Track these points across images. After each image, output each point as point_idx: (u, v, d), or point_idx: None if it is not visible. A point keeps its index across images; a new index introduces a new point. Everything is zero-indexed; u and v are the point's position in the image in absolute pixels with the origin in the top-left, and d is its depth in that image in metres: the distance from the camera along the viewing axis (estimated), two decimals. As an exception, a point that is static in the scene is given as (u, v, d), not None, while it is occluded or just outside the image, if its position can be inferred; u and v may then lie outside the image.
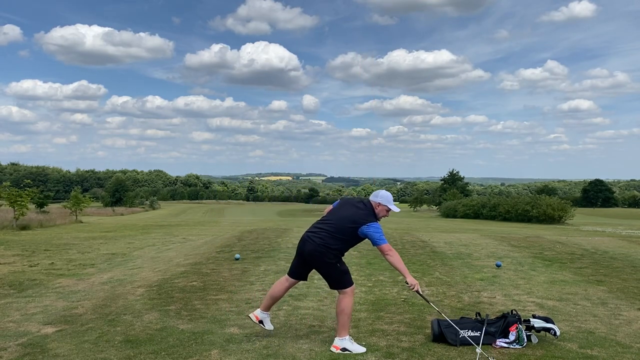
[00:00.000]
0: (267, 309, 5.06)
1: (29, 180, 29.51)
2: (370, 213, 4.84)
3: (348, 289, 4.76)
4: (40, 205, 45.84)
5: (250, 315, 5.05)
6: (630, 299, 6.89)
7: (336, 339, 4.72)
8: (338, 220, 4.83)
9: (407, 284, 4.71)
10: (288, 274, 5.05)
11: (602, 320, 5.77)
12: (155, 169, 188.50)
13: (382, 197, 4.89)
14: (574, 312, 6.14)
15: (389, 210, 4.91)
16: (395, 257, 4.67)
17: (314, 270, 4.91)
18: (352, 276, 4.85)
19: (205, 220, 37.58)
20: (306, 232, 4.94)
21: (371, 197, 4.97)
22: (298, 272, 4.98)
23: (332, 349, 4.66)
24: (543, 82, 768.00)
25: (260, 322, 5.00)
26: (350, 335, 4.79)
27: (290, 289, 7.12)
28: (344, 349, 4.62)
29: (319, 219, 5.08)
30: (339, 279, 4.77)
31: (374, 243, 4.70)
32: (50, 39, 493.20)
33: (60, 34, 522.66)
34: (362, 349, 4.66)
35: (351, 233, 4.75)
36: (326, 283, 4.97)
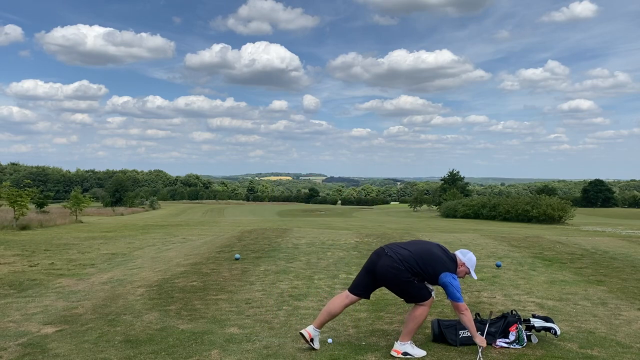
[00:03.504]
0: (320, 325, 4.75)
1: (29, 180, 29.64)
2: (455, 266, 4.69)
3: (426, 302, 4.63)
4: (40, 205, 45.83)
5: (303, 331, 4.67)
6: (630, 299, 6.89)
7: (398, 343, 4.57)
8: (422, 251, 4.64)
9: (477, 344, 4.54)
10: (349, 290, 4.81)
11: (602, 320, 5.77)
12: (155, 169, 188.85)
13: (469, 259, 4.75)
14: (574, 312, 6.14)
15: (468, 273, 4.76)
16: (467, 316, 4.53)
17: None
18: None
19: (205, 220, 37.57)
20: (383, 246, 4.76)
21: (458, 253, 4.80)
22: (363, 288, 4.74)
23: (393, 352, 4.53)
24: (543, 82, 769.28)
25: (311, 340, 4.67)
26: (412, 341, 4.64)
27: (291, 290, 7.15)
28: (406, 353, 4.51)
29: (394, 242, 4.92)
30: (417, 295, 4.60)
31: (452, 298, 4.50)
32: (51, 39, 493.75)
33: (62, 34, 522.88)
34: (423, 352, 4.57)
35: (431, 269, 4.56)
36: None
